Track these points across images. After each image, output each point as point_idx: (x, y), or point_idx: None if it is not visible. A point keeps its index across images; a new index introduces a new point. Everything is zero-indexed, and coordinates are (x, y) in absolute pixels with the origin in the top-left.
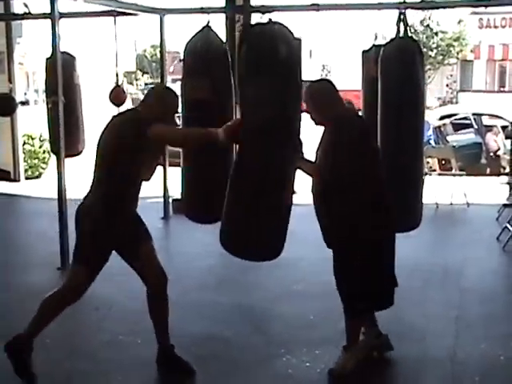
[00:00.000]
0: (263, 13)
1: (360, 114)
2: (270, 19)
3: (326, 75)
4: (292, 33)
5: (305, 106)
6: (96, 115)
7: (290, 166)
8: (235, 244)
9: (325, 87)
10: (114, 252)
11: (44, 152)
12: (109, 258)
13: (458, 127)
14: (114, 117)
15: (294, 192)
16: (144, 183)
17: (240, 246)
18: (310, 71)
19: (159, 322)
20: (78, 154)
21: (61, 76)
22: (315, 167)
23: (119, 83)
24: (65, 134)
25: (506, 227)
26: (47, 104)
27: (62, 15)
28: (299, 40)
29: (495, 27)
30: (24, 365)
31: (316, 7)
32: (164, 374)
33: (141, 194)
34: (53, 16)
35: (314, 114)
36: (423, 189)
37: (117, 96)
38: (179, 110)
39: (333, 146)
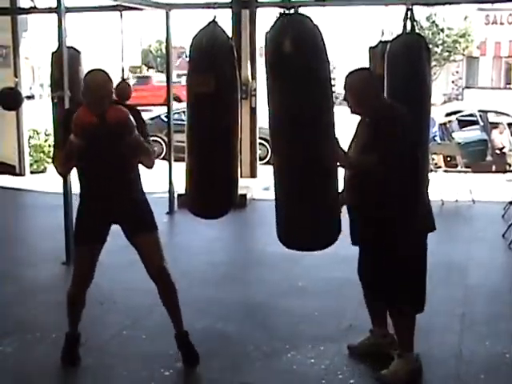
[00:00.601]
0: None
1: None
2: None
3: (332, 71)
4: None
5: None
6: None
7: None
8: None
9: (365, 76)
10: (120, 244)
11: (49, 146)
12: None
13: (464, 124)
14: None
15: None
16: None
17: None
18: None
19: (169, 310)
20: None
21: (66, 70)
22: (366, 160)
23: (125, 78)
24: None
25: None
26: (52, 98)
27: (68, 10)
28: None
29: (501, 24)
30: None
31: (322, 3)
32: (168, 369)
33: (146, 189)
34: (59, 10)
35: (352, 104)
36: (428, 185)
37: (122, 91)
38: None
39: (382, 138)
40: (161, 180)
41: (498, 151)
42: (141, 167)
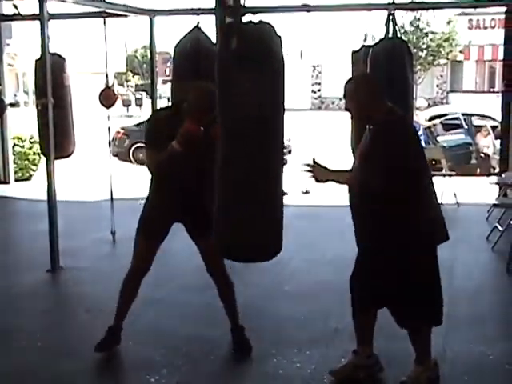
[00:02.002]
0: (254, 13)
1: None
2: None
3: (317, 76)
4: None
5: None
6: (86, 117)
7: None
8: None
9: (368, 83)
10: (106, 251)
11: (34, 154)
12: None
13: (448, 127)
14: None
15: (284, 193)
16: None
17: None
18: (300, 72)
19: (227, 305)
20: (69, 155)
21: (50, 77)
22: (352, 177)
23: (109, 84)
24: (55, 135)
25: (496, 227)
26: (37, 105)
27: (52, 16)
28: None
29: (485, 28)
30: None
31: (307, 8)
32: (155, 375)
33: (131, 195)
34: (42, 17)
35: (354, 111)
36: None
37: (107, 97)
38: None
39: (380, 149)
40: (146, 186)
41: (482, 154)
42: None
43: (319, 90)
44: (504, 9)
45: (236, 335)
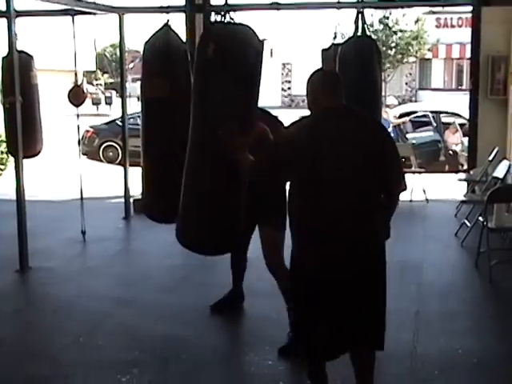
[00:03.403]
0: (224, 12)
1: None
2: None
3: (287, 74)
4: (257, 35)
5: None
6: (55, 115)
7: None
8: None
9: (316, 78)
10: (76, 251)
11: (2, 153)
12: None
13: (417, 125)
14: None
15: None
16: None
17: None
18: (270, 70)
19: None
20: (37, 154)
21: (18, 76)
22: None
23: (78, 83)
24: (23, 134)
25: (464, 223)
26: (4, 104)
27: (19, 13)
28: (263, 42)
29: (452, 26)
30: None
31: (276, 6)
32: (126, 374)
33: (102, 195)
34: (8, 14)
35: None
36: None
37: (76, 96)
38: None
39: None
40: (116, 185)
41: (450, 151)
42: None
43: (289, 88)
44: (470, 8)
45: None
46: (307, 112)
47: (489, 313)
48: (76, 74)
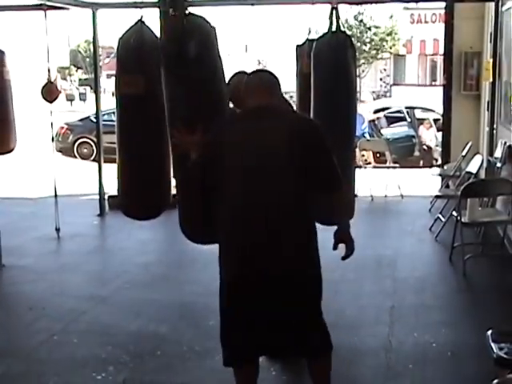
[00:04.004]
0: (196, 6)
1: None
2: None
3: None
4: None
5: None
6: (28, 112)
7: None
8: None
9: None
10: (50, 249)
11: None
12: None
13: (392, 120)
14: None
15: None
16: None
17: None
18: (245, 66)
19: None
20: (10, 151)
21: None
22: None
23: (52, 79)
24: None
25: (438, 218)
26: None
27: None
28: (214, 28)
29: (426, 22)
30: None
31: (251, 1)
32: (101, 372)
33: (76, 191)
34: None
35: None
36: (355, 180)
37: (49, 92)
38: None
39: None
40: (91, 182)
41: (425, 147)
42: None
43: None
44: (443, 4)
45: None
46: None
47: (463, 306)
48: (49, 70)
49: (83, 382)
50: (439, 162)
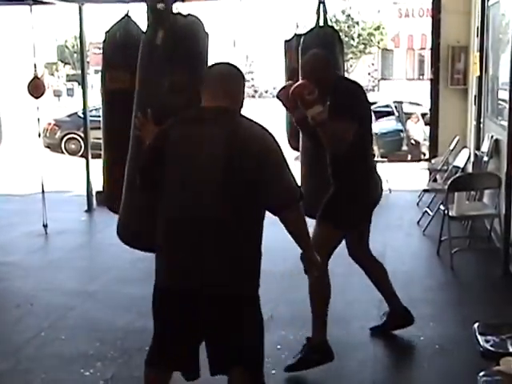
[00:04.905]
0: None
1: None
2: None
3: (250, 65)
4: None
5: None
6: (15, 108)
7: None
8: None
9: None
10: (39, 245)
11: None
12: None
13: (380, 115)
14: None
15: None
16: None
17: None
18: (233, 61)
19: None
20: None
21: None
22: None
23: (38, 75)
24: None
25: (426, 212)
26: None
27: None
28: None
29: (413, 17)
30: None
31: None
32: (89, 368)
33: (63, 188)
34: None
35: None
36: None
37: (35, 88)
38: None
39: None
40: (78, 178)
41: (412, 141)
42: None
43: (252, 79)
44: None
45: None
46: (271, 103)
47: (450, 300)
48: (35, 66)
49: (71, 379)
50: (427, 156)
